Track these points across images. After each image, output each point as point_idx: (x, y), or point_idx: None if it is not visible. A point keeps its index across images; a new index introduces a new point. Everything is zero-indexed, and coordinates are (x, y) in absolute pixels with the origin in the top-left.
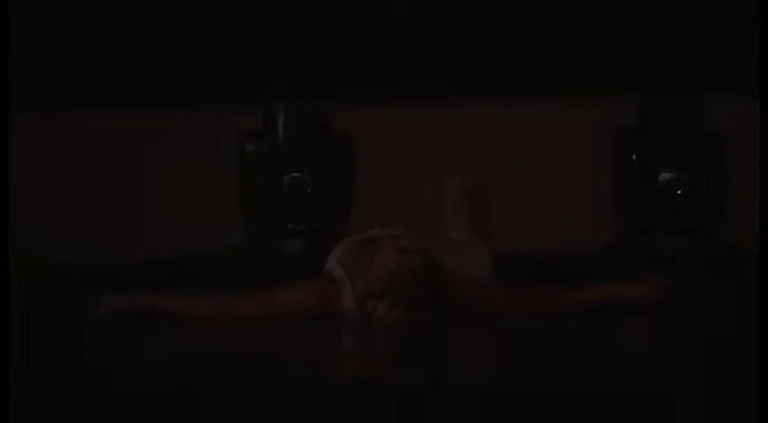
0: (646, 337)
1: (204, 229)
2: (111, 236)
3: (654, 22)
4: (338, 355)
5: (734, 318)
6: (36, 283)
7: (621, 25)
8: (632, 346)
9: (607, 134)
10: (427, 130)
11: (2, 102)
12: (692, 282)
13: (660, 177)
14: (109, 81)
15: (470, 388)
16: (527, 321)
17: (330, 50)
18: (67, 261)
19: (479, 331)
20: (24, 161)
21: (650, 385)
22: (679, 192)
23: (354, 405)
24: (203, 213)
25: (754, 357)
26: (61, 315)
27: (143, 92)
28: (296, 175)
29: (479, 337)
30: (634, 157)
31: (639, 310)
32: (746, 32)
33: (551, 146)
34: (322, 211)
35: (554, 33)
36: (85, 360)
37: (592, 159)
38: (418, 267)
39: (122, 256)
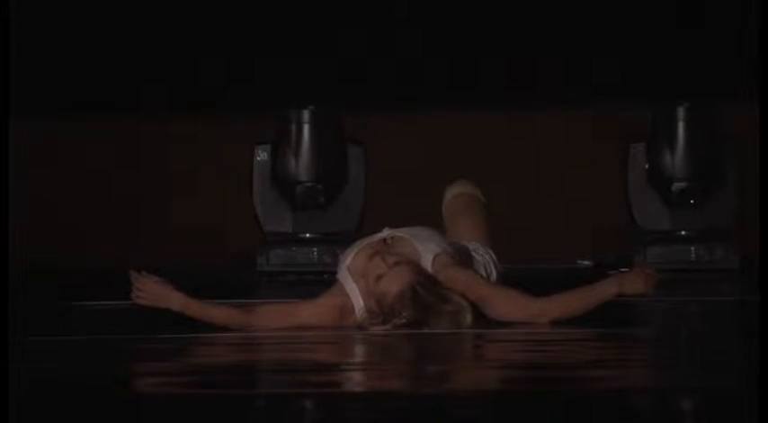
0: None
1: (212, 237)
2: (118, 242)
3: (666, 30)
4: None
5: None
6: (36, 285)
7: (630, 33)
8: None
9: (618, 143)
10: (438, 136)
11: (2, 104)
12: (702, 289)
13: (672, 187)
14: (111, 85)
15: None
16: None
17: (341, 58)
18: (67, 265)
19: (482, 340)
20: (24, 163)
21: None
22: (692, 201)
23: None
24: (211, 221)
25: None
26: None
27: (147, 98)
28: (309, 184)
29: (481, 345)
30: (646, 166)
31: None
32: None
33: (561, 154)
34: (335, 220)
35: (563, 41)
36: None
37: (602, 168)
38: (399, 296)
39: (126, 262)
